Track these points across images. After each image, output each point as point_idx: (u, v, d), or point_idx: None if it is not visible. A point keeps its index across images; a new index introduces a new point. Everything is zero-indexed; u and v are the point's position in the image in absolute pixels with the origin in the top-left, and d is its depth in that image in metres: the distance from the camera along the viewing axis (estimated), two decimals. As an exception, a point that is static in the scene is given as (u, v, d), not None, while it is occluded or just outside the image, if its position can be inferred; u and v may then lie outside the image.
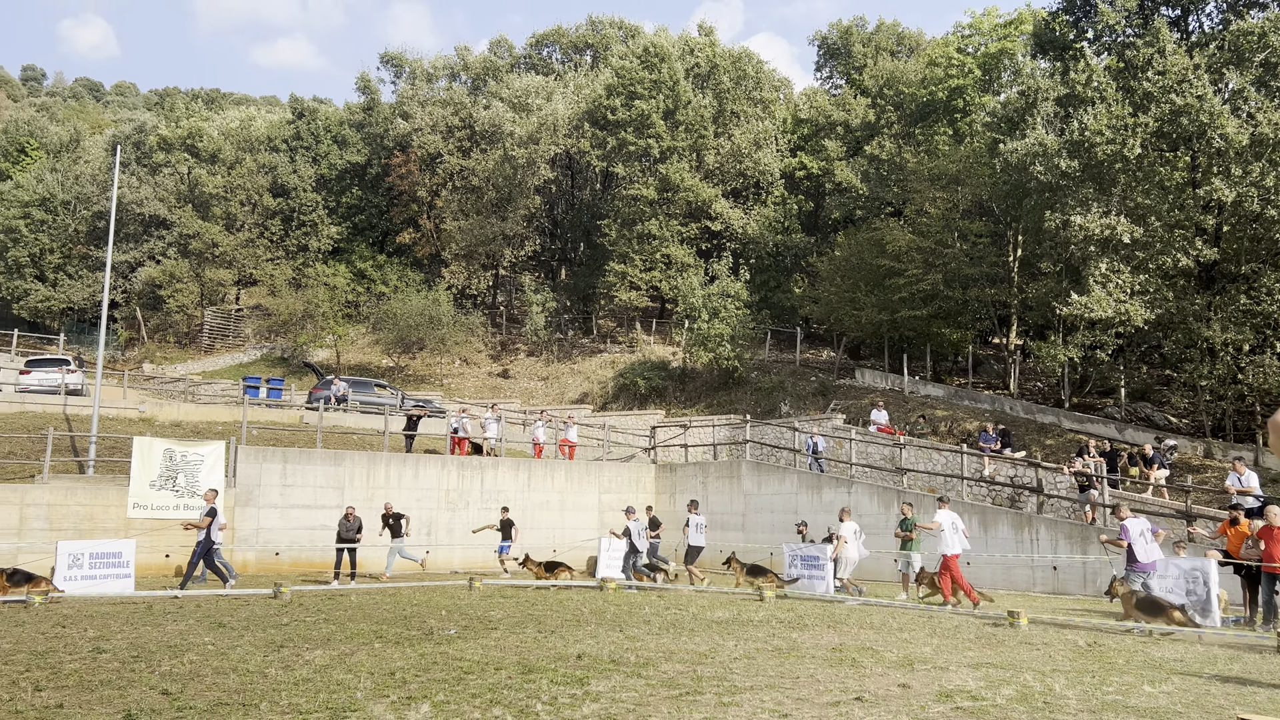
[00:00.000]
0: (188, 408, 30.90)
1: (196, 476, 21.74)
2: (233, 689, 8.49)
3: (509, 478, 26.34)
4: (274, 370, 42.91)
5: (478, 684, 8.78)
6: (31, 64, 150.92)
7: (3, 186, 54.75)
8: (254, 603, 15.75)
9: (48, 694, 8.19)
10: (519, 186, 46.02)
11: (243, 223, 49.49)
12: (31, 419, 26.07)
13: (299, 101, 56.41)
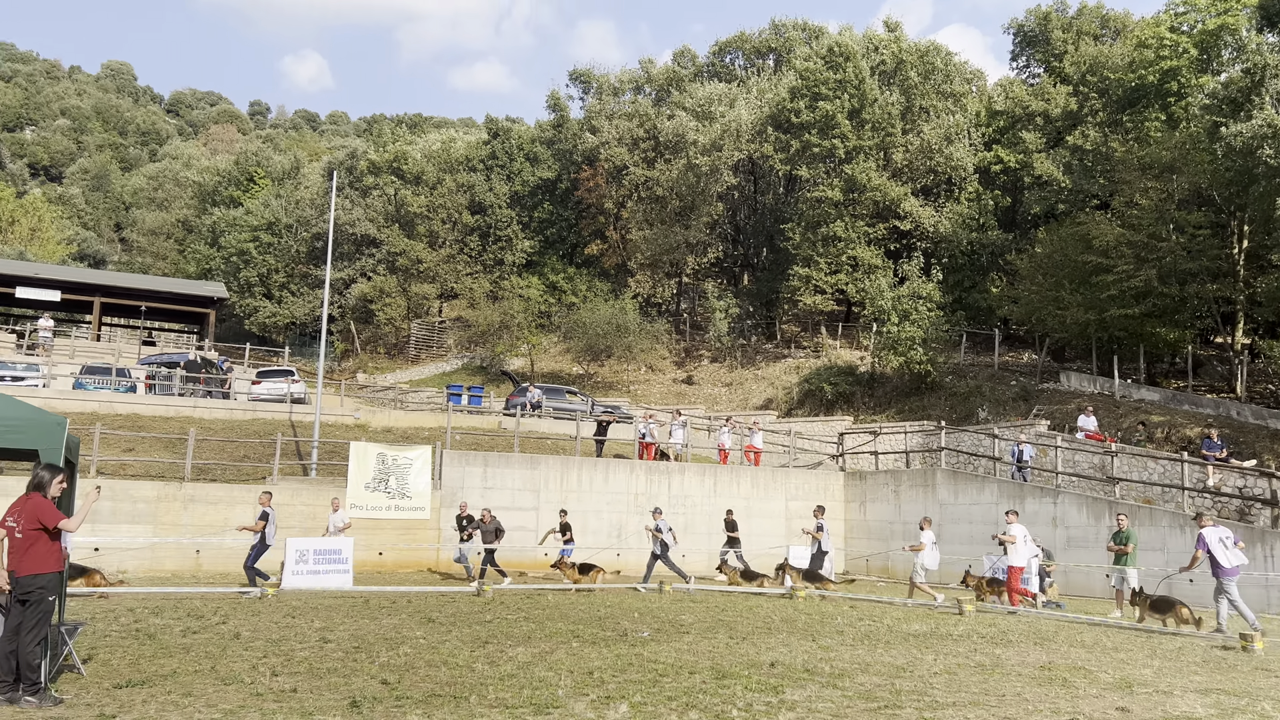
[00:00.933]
0: (397, 414, 32.91)
1: (406, 479, 23.14)
2: (444, 681, 9.00)
3: (695, 483, 26.55)
4: (474, 378, 45.05)
5: (673, 687, 8.91)
6: (258, 99, 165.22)
7: (235, 213, 60.18)
8: (459, 600, 16.58)
9: (283, 679, 8.94)
10: (702, 194, 46.36)
11: (444, 239, 52.27)
12: (263, 425, 28.51)
13: (494, 122, 59.06)
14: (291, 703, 7.89)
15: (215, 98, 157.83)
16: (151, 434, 25.42)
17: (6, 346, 38.85)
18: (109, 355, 39.89)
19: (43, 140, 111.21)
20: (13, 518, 7.88)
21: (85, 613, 13.21)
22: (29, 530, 7.80)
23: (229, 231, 57.92)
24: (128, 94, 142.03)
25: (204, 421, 27.75)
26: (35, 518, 7.83)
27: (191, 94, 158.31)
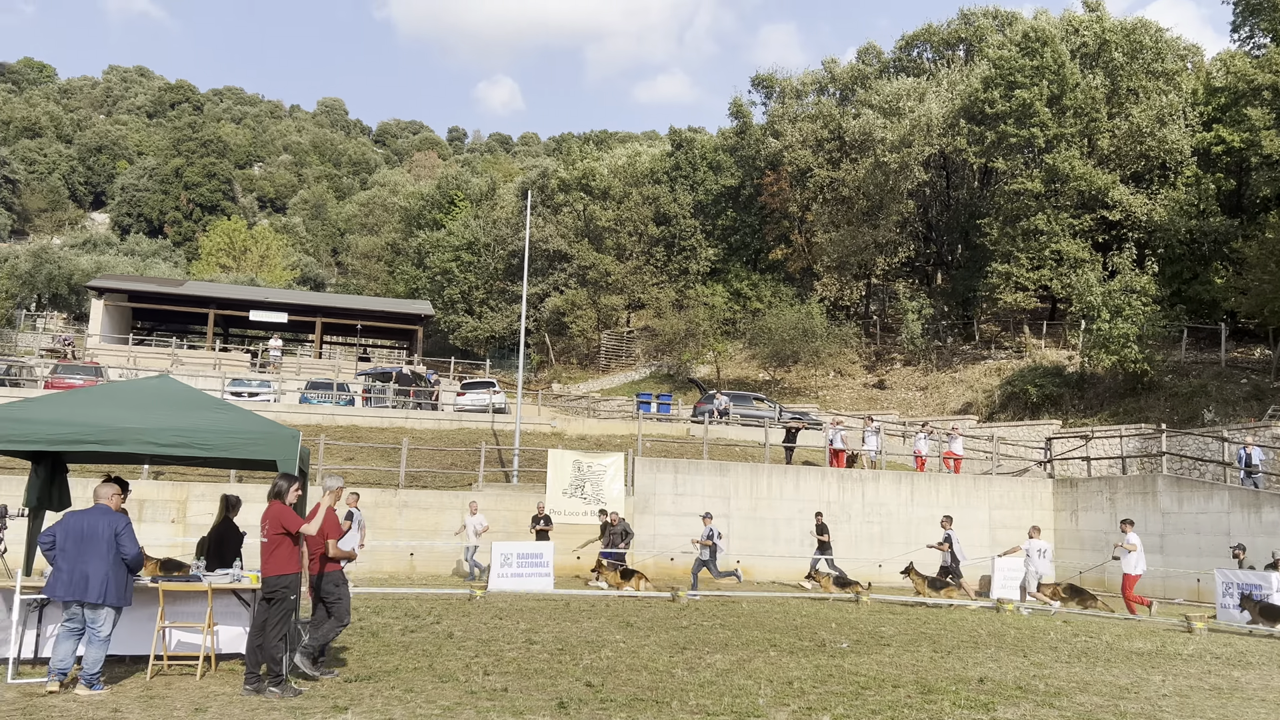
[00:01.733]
0: (590, 423, 33.83)
1: (601, 485, 23.74)
2: (645, 686, 9.17)
3: (890, 491, 25.83)
4: (662, 386, 45.69)
5: (876, 700, 8.72)
6: (456, 125, 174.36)
7: (438, 234, 63.68)
8: (655, 605, 16.84)
9: (494, 678, 9.38)
10: (891, 192, 45.14)
11: (631, 251, 53.35)
12: (467, 434, 30.00)
13: (677, 133, 59.79)
14: (503, 701, 8.26)
15: (417, 126, 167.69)
16: (369, 444, 27.26)
17: (242, 365, 42.68)
18: (329, 371, 43.12)
19: (269, 175, 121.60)
20: (262, 525, 8.66)
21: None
22: (273, 535, 8.56)
23: (433, 252, 61.34)
24: (340, 128, 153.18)
25: (415, 431, 29.50)
26: (279, 523, 8.59)
27: (396, 124, 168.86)
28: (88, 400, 9.14)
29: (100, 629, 8.18)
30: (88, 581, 8.12)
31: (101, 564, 8.17)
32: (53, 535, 8.27)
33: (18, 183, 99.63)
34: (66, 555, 8.17)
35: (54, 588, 8.16)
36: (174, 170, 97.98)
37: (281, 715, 7.48)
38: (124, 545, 8.29)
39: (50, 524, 8.71)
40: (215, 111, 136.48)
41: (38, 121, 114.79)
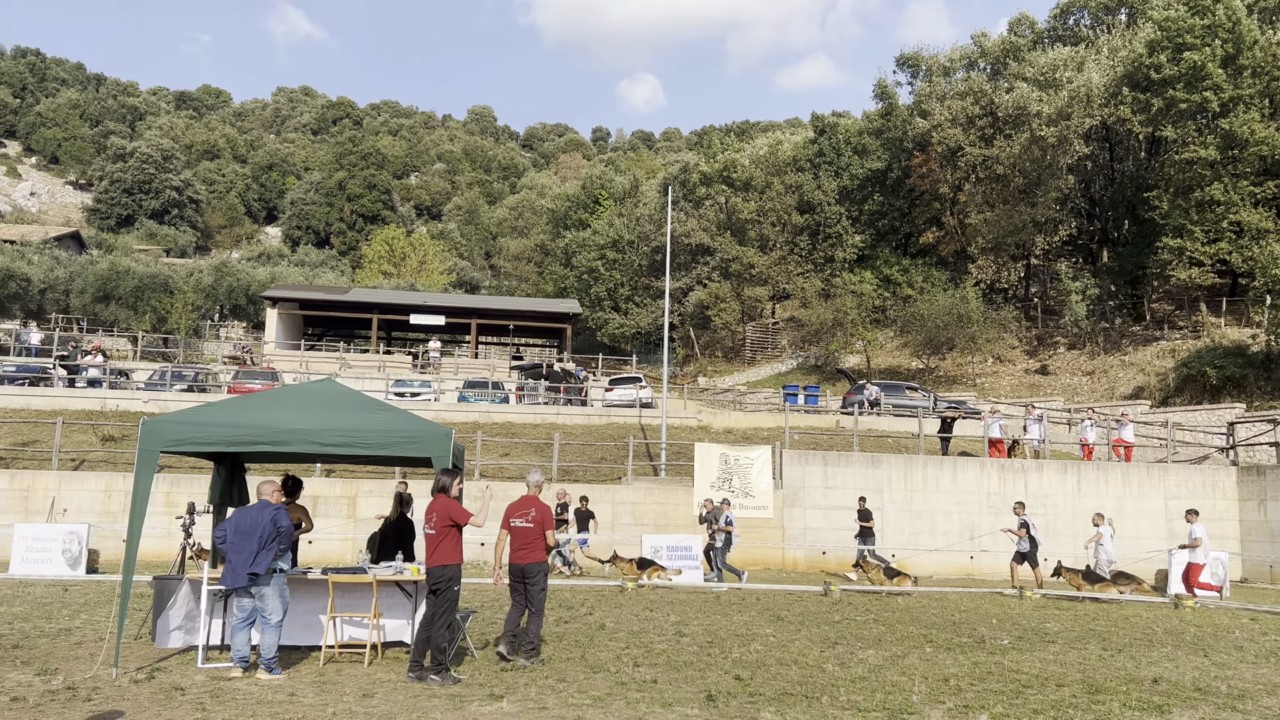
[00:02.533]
0: (736, 415, 33.72)
1: (749, 478, 23.65)
2: (795, 680, 9.09)
3: (1055, 481, 24.63)
4: (809, 378, 45.04)
5: (1038, 699, 8.36)
6: (599, 125, 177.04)
7: (584, 234, 64.83)
8: (806, 599, 16.65)
9: (644, 669, 9.50)
10: (1049, 168, 42.98)
11: (774, 242, 52.81)
12: (616, 429, 30.45)
13: (820, 119, 58.76)
14: (652, 693, 8.36)
15: (563, 129, 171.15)
16: (522, 439, 28.07)
17: (405, 366, 44.68)
18: (485, 370, 44.60)
19: (424, 184, 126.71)
20: (426, 519, 9.07)
21: (475, 602, 14.85)
22: (441, 527, 8.96)
23: (579, 251, 62.51)
24: (490, 134, 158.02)
25: (565, 427, 30.16)
26: (447, 516, 8.98)
27: (542, 128, 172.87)
28: (259, 404, 9.78)
29: (270, 615, 8.76)
30: (238, 572, 8.73)
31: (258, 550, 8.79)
32: (224, 530, 8.92)
33: (200, 202, 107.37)
34: (235, 548, 8.80)
35: (227, 578, 8.80)
36: (337, 183, 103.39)
37: (441, 702, 7.81)
38: (279, 521, 8.88)
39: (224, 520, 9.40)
40: (373, 125, 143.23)
41: (216, 144, 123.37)
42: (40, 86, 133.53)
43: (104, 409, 28.81)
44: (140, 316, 47.44)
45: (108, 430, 26.49)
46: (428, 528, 9.00)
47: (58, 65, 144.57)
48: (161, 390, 31.43)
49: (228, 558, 8.78)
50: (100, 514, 22.15)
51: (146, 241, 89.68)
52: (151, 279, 48.18)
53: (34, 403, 28.66)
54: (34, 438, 25.86)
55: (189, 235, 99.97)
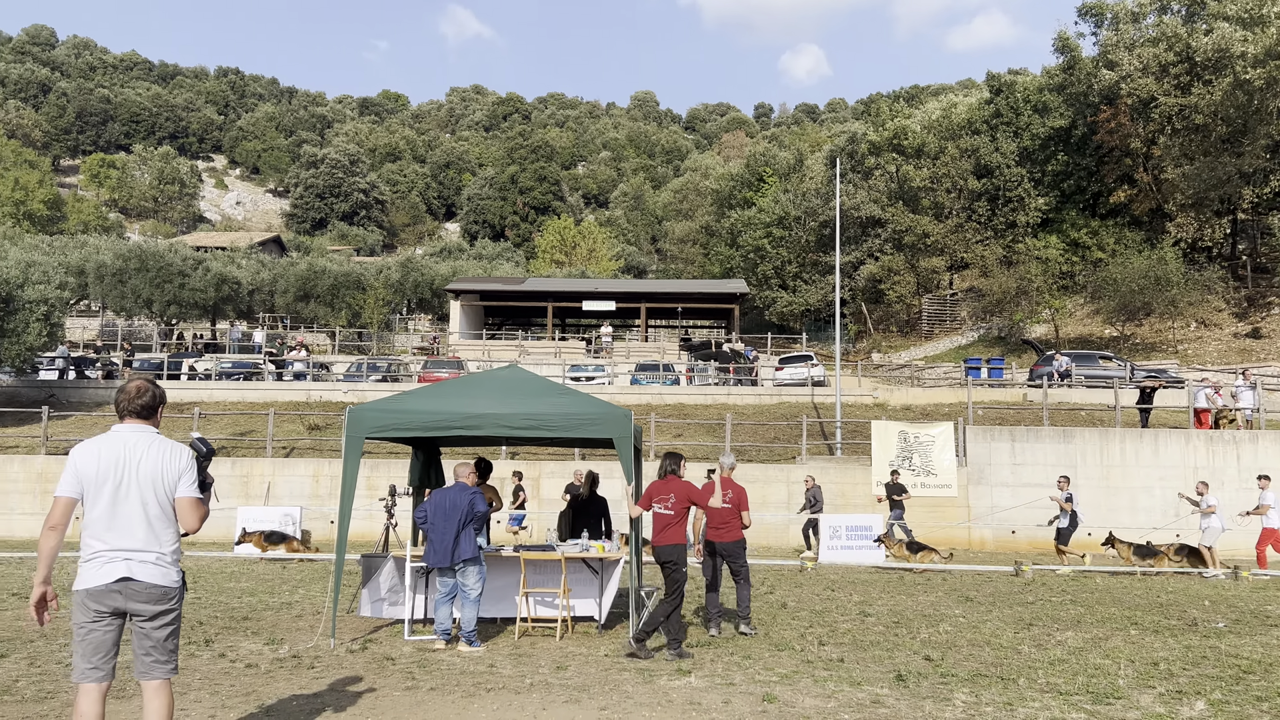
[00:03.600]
0: (915, 391, 32.77)
1: (930, 456, 22.97)
2: (989, 661, 8.81)
3: (1273, 453, 22.66)
4: (992, 350, 43.21)
5: (1261, 686, 7.78)
6: (762, 101, 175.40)
7: (749, 213, 64.44)
8: (996, 579, 16.06)
9: (829, 648, 9.44)
10: (1256, 114, 39.38)
11: (950, 209, 50.84)
12: (788, 408, 30.21)
13: (995, 78, 56.00)
14: (840, 671, 8.30)
15: (725, 108, 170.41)
16: (694, 420, 28.28)
17: (579, 352, 45.85)
18: (655, 353, 45.16)
19: (591, 173, 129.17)
20: (658, 500, 9.35)
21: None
22: (679, 508, 9.28)
23: (745, 230, 62.17)
24: (653, 119, 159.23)
25: (736, 407, 30.17)
26: (686, 497, 9.31)
27: (704, 108, 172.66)
28: (453, 391, 10.30)
29: (470, 590, 9.22)
30: (451, 549, 9.19)
31: (459, 531, 9.23)
32: (424, 511, 9.44)
33: (384, 202, 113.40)
34: (436, 528, 9.29)
35: (429, 557, 9.32)
36: (510, 177, 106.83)
37: (631, 676, 8.03)
38: (476, 505, 9.32)
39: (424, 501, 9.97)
40: (541, 118, 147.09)
41: (397, 146, 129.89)
42: (240, 103, 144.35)
43: (309, 400, 31.01)
44: (336, 313, 50.68)
45: (313, 419, 28.52)
46: (661, 507, 9.27)
47: (254, 82, 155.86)
48: (359, 381, 33.53)
49: (429, 537, 9.30)
50: (309, 497, 23.91)
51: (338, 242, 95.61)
52: (345, 277, 51.36)
53: (248, 395, 31.18)
54: (250, 428, 28.16)
55: (376, 234, 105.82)
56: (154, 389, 5.06)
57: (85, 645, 4.79)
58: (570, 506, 12.49)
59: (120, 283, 46.30)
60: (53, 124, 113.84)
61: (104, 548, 4.80)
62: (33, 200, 76.98)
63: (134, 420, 4.98)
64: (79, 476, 4.83)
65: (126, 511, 4.84)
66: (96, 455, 4.86)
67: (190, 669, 8.06)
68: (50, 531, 4.72)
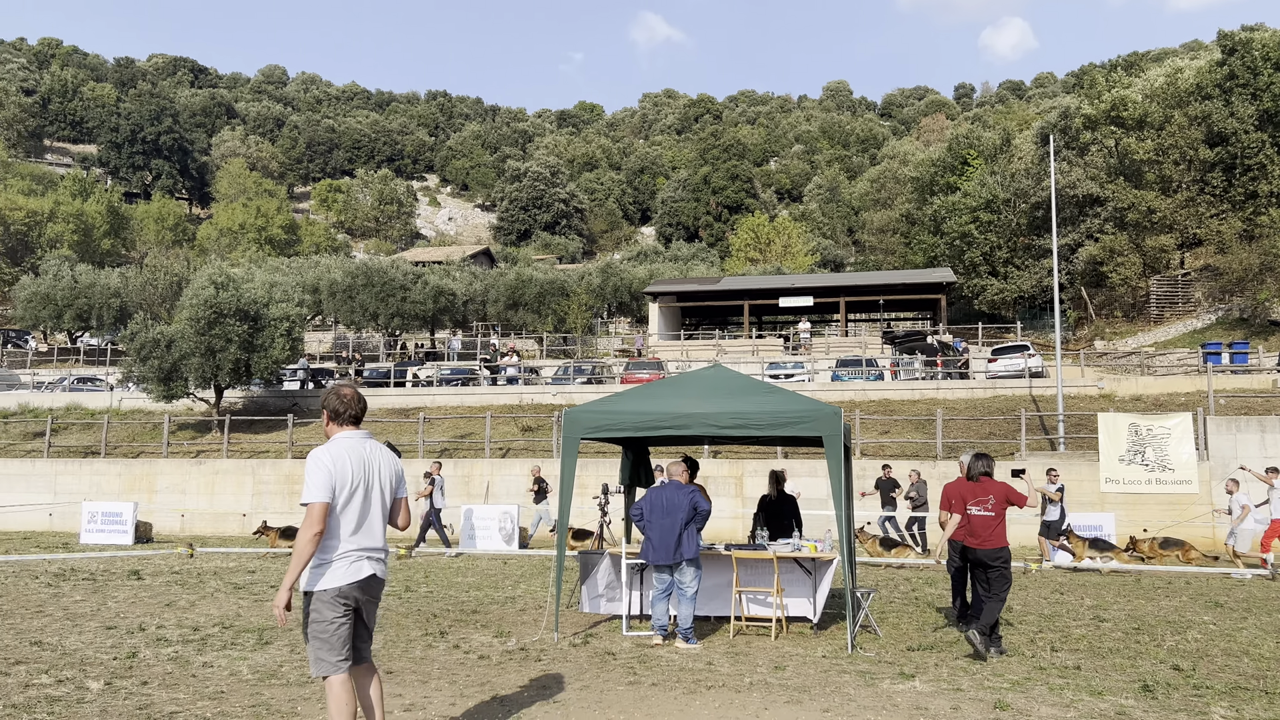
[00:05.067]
0: (1145, 381, 30.42)
1: (1165, 450, 21.28)
2: (1248, 674, 8.07)
3: None
4: (1233, 333, 39.47)
5: None
6: (962, 82, 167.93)
7: (953, 198, 61.86)
8: (1251, 584, 14.68)
9: (1063, 655, 8.92)
10: None
11: (1178, 183, 46.88)
12: (1003, 402, 28.78)
13: (1228, 36, 51.13)
14: (1077, 679, 7.83)
15: (922, 91, 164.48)
16: (901, 416, 27.44)
17: (777, 349, 45.51)
18: (856, 348, 44.18)
19: (784, 168, 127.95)
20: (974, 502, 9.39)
21: (870, 580, 14.82)
22: (999, 510, 9.33)
23: (949, 217, 59.71)
24: (846, 109, 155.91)
25: (947, 401, 29.03)
26: (1004, 498, 9.37)
27: (900, 94, 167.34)
28: (661, 392, 10.48)
29: (687, 588, 9.33)
30: (671, 546, 9.30)
31: (681, 529, 9.31)
32: (640, 509, 9.63)
33: (583, 211, 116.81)
34: (655, 526, 9.42)
35: (648, 553, 9.49)
36: (702, 178, 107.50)
37: (851, 678, 7.90)
38: (699, 504, 9.39)
39: (637, 499, 10.18)
40: (732, 117, 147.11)
41: (593, 155, 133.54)
42: (449, 124, 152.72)
43: (520, 403, 32.40)
44: (543, 319, 52.69)
45: (525, 421, 29.77)
46: (979, 509, 9.31)
47: (461, 103, 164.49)
48: (566, 384, 34.70)
49: (648, 534, 9.47)
50: (525, 495, 24.97)
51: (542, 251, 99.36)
52: (550, 285, 53.29)
53: (466, 400, 32.92)
54: (468, 430, 29.73)
55: (576, 242, 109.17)
56: (362, 395, 5.41)
57: (335, 639, 5.06)
58: (761, 508, 12.40)
59: (349, 298, 50.01)
60: (286, 155, 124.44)
61: (352, 548, 5.12)
62: (272, 226, 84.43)
63: (353, 426, 5.30)
64: (333, 481, 5.05)
65: (373, 514, 5.21)
66: (346, 460, 5.14)
67: (429, 659, 8.60)
68: (316, 537, 4.96)
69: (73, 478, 27.67)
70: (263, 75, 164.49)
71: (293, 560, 4.97)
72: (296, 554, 4.96)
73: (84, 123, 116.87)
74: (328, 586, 5.06)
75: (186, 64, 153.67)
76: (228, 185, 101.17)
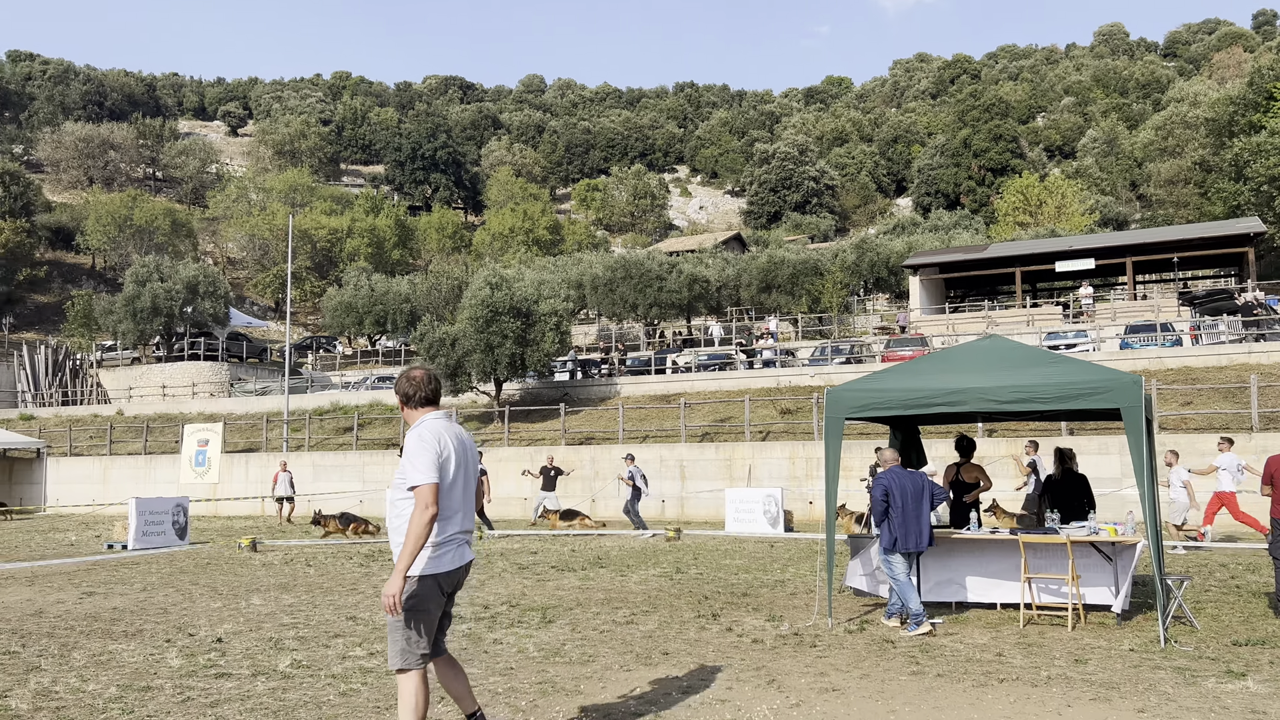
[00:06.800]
0: None
1: None
2: None
3: None
4: None
5: None
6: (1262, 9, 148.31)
7: (1257, 139, 54.82)
8: None
9: None
10: None
11: None
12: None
13: None
14: None
15: (1213, 24, 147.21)
16: (1206, 385, 24.63)
17: (1054, 318, 42.30)
18: (1147, 312, 40.20)
19: (1052, 123, 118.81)
20: None
21: (1178, 566, 13.37)
22: None
23: (1254, 160, 52.93)
24: (1122, 53, 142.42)
25: (1262, 367, 25.76)
26: None
27: (1186, 30, 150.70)
28: (929, 367, 9.92)
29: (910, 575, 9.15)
30: (922, 533, 9.12)
31: (926, 517, 9.18)
32: (883, 491, 9.26)
33: (834, 187, 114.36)
34: (908, 511, 9.14)
35: (906, 540, 9.14)
36: (962, 141, 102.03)
37: (1167, 675, 7.08)
38: (935, 491, 9.30)
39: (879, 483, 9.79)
40: (992, 75, 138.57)
41: (843, 130, 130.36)
42: (696, 113, 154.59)
43: (778, 385, 32.16)
44: (797, 300, 52.06)
45: (784, 404, 29.51)
46: None
47: (708, 91, 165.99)
48: (824, 365, 34.06)
49: (900, 520, 9.14)
50: (787, 479, 24.75)
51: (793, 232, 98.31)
52: (803, 265, 52.56)
53: (724, 385, 33.14)
54: (728, 414, 29.89)
55: (828, 220, 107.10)
56: (434, 376, 5.12)
57: (427, 627, 4.84)
58: (1046, 489, 11.42)
59: (610, 291, 51.78)
60: (548, 159, 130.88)
61: (457, 530, 4.91)
62: (538, 228, 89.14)
63: (431, 408, 5.02)
64: (440, 461, 4.79)
65: (469, 495, 5.03)
66: (447, 439, 4.88)
67: (703, 641, 8.62)
68: (432, 520, 4.68)
69: (378, 467, 30.54)
70: (523, 85, 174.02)
71: (406, 545, 4.66)
72: (412, 539, 4.64)
73: (372, 145, 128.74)
74: (433, 572, 4.81)
75: (456, 82, 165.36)
76: (497, 192, 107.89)
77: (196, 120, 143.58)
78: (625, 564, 14.82)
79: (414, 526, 4.64)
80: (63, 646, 8.66)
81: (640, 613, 10.18)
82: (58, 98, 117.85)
